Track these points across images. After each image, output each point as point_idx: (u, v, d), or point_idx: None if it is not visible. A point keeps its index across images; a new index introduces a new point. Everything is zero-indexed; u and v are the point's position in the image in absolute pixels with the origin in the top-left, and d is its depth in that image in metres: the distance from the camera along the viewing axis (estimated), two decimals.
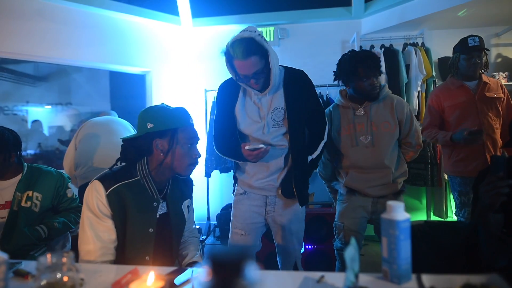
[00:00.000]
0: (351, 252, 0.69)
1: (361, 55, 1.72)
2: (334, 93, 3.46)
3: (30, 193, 1.67)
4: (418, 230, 1.22)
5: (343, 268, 1.95)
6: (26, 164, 1.73)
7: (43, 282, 0.70)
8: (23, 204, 1.63)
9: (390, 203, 0.84)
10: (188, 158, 1.25)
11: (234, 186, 1.70)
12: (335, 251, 1.91)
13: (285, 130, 1.53)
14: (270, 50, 1.44)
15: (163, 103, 1.28)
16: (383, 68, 2.03)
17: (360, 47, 3.31)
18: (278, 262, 1.69)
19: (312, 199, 3.17)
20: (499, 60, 3.31)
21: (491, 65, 3.29)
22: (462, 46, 2.16)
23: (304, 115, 1.55)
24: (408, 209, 3.27)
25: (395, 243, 0.82)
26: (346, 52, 1.82)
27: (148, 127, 1.21)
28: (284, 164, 1.56)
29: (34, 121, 5.65)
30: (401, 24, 3.23)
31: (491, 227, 1.26)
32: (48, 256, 0.72)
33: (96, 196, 1.15)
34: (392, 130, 1.75)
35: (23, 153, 5.34)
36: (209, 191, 3.60)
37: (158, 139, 1.21)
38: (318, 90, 3.43)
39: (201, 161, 3.32)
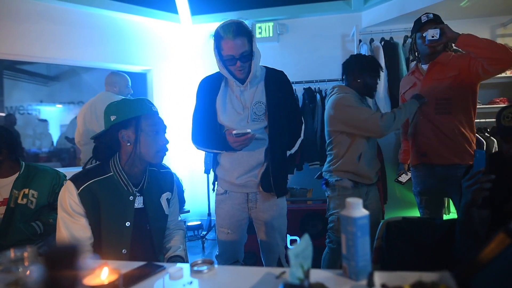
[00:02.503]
0: (298, 249, 0.70)
1: (375, 59, 2.05)
2: None
3: (26, 190, 1.73)
4: (395, 227, 1.21)
5: (331, 260, 2.00)
6: (23, 162, 1.80)
7: (7, 277, 0.74)
8: (19, 201, 1.70)
9: (349, 199, 0.84)
10: (155, 145, 1.26)
11: (214, 184, 1.71)
12: (331, 244, 2.02)
13: (266, 124, 1.56)
14: (255, 39, 1.51)
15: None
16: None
17: (360, 40, 3.26)
18: (262, 258, 1.71)
19: (310, 195, 3.17)
20: None
21: None
22: (416, 24, 1.98)
23: (283, 112, 1.57)
24: (410, 204, 3.24)
25: (353, 240, 0.82)
26: (346, 46, 1.96)
27: (112, 119, 1.24)
28: (264, 158, 1.58)
29: (42, 121, 5.81)
30: (401, 16, 3.16)
31: (475, 223, 1.24)
32: (11, 250, 0.75)
33: (68, 196, 1.18)
34: None
35: (37, 151, 5.48)
36: (209, 187, 3.63)
37: (122, 130, 1.24)
38: (317, 85, 3.41)
39: (201, 158, 3.35)
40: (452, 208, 3.06)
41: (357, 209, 0.83)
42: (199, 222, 3.64)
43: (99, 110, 2.68)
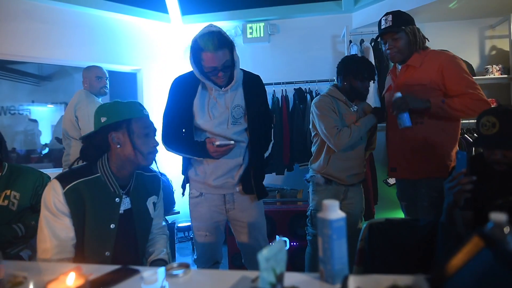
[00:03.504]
0: (269, 252, 0.68)
1: (367, 61, 2.00)
2: (323, 89, 3.42)
3: (8, 192, 1.69)
4: (377, 228, 1.20)
5: (314, 255, 2.04)
6: (6, 163, 1.76)
7: None
8: (0, 202, 1.66)
9: (325, 202, 0.83)
10: (145, 147, 1.25)
11: (184, 187, 1.67)
12: (308, 237, 2.10)
13: (244, 127, 1.56)
14: (235, 47, 1.48)
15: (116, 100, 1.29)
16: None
17: (350, 41, 3.26)
18: (244, 263, 1.69)
19: (301, 196, 3.16)
20: (493, 52, 3.22)
21: (485, 57, 3.21)
22: (378, 29, 1.81)
23: (259, 115, 1.58)
24: None
25: (329, 242, 0.81)
26: (337, 47, 1.94)
27: (102, 121, 1.23)
28: (243, 160, 1.57)
29: (33, 121, 5.73)
30: None
31: (457, 224, 1.24)
32: None
33: (53, 195, 1.16)
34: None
35: (28, 151, 5.39)
36: None
37: (113, 132, 1.23)
38: (308, 86, 3.41)
39: None
40: None
41: (333, 211, 0.82)
42: (189, 223, 3.61)
43: (68, 110, 2.70)
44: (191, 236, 3.46)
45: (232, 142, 1.42)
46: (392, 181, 2.16)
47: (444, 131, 1.72)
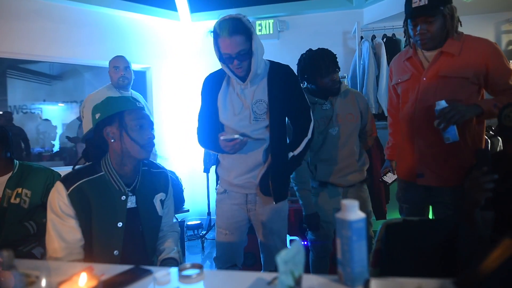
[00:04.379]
0: (287, 255, 0.65)
1: (319, 53, 1.82)
2: None
3: (19, 190, 1.70)
4: (395, 229, 1.16)
5: (316, 260, 2.01)
6: (17, 161, 1.77)
7: None
8: (12, 200, 1.67)
9: (344, 201, 0.79)
10: (140, 140, 1.23)
11: (217, 182, 1.67)
12: (309, 243, 2.03)
13: (267, 123, 1.49)
14: (255, 35, 1.43)
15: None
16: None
17: (361, 37, 3.21)
18: (262, 260, 1.66)
19: None
20: (510, 47, 3.13)
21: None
22: (406, 6, 1.52)
23: (287, 110, 1.52)
24: None
25: (348, 244, 0.77)
26: (348, 43, 1.83)
27: (96, 117, 1.22)
28: (264, 159, 1.51)
29: (45, 120, 5.80)
30: (403, 12, 3.09)
31: (477, 225, 1.19)
32: None
33: (57, 197, 1.15)
34: (355, 120, 1.90)
35: (40, 150, 5.48)
36: (209, 186, 3.60)
37: (107, 126, 1.22)
38: None
39: (200, 156, 3.32)
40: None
41: (353, 212, 0.78)
42: (198, 222, 3.61)
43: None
44: (201, 234, 3.46)
45: (237, 136, 1.37)
46: (390, 178, 1.93)
47: (472, 133, 1.53)
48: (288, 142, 1.60)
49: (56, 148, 5.64)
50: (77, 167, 1.26)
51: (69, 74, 6.02)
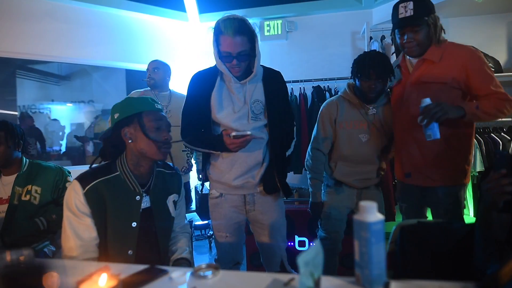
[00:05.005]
0: (307, 256, 0.65)
1: (371, 55, 1.74)
2: (342, 87, 3.36)
3: (29, 187, 1.73)
4: (408, 231, 1.15)
5: (325, 259, 1.94)
6: (27, 160, 1.80)
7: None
8: (23, 197, 1.70)
9: (363, 203, 0.79)
10: (157, 141, 1.23)
11: (202, 184, 1.66)
12: (319, 240, 1.97)
13: (264, 123, 1.51)
14: (257, 39, 1.44)
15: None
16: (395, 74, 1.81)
17: (370, 37, 3.19)
18: (263, 263, 1.65)
19: None
20: None
21: None
22: (392, 17, 1.61)
23: (279, 112, 1.54)
24: None
25: (367, 246, 0.77)
26: (357, 44, 1.83)
27: (115, 117, 1.23)
28: (263, 158, 1.52)
29: (54, 120, 5.86)
30: None
31: (494, 227, 1.18)
32: (7, 253, 0.72)
33: (74, 196, 1.16)
34: (387, 133, 1.85)
35: (48, 149, 5.55)
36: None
37: (125, 127, 1.22)
38: (326, 83, 3.35)
39: None
40: (467, 210, 2.96)
41: (372, 213, 0.78)
42: (206, 222, 3.61)
43: None
44: (208, 234, 3.46)
45: (249, 132, 1.36)
46: None
47: (461, 134, 1.59)
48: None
49: (63, 148, 5.69)
50: (93, 166, 1.27)
51: (77, 74, 6.07)
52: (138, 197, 1.24)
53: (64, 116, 6.16)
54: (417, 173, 1.66)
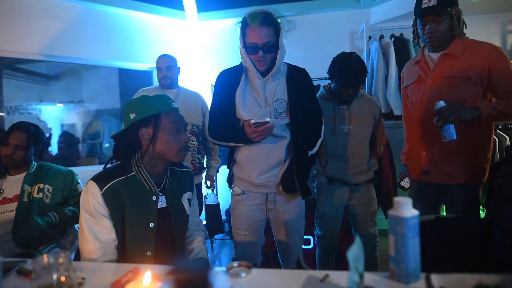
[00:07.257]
0: (354, 252, 0.65)
1: (349, 64, 1.81)
2: None
3: (41, 185, 1.73)
4: (429, 226, 1.17)
5: (322, 256, 2.05)
6: (35, 162, 1.81)
7: (41, 283, 0.69)
8: (35, 194, 1.69)
9: (398, 199, 0.80)
10: (177, 143, 1.22)
11: (229, 182, 1.65)
12: (316, 238, 2.07)
13: (287, 121, 1.51)
14: (282, 30, 1.47)
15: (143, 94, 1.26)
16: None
17: (369, 37, 3.22)
18: (280, 259, 1.66)
19: None
20: None
21: (507, 53, 3.14)
22: (416, 7, 1.62)
23: (304, 111, 1.53)
24: None
25: (403, 241, 0.78)
26: (355, 43, 1.86)
27: (131, 117, 1.19)
28: (285, 157, 1.52)
29: (41, 121, 5.73)
30: (412, 12, 3.07)
31: (506, 221, 1.21)
32: (45, 256, 0.70)
33: (91, 197, 1.13)
34: (368, 122, 1.96)
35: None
36: (217, 186, 3.59)
37: (142, 128, 1.20)
38: (325, 82, 3.36)
39: None
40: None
41: (407, 209, 0.79)
42: (204, 222, 3.59)
43: None
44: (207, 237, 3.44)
45: (268, 119, 1.36)
46: (407, 183, 1.97)
47: (481, 131, 1.59)
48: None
49: (54, 149, 5.57)
50: (107, 166, 1.25)
51: (67, 74, 5.95)
52: (154, 197, 1.22)
53: (54, 117, 6.02)
54: (436, 170, 1.65)
